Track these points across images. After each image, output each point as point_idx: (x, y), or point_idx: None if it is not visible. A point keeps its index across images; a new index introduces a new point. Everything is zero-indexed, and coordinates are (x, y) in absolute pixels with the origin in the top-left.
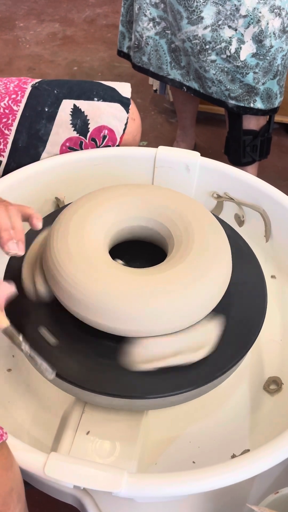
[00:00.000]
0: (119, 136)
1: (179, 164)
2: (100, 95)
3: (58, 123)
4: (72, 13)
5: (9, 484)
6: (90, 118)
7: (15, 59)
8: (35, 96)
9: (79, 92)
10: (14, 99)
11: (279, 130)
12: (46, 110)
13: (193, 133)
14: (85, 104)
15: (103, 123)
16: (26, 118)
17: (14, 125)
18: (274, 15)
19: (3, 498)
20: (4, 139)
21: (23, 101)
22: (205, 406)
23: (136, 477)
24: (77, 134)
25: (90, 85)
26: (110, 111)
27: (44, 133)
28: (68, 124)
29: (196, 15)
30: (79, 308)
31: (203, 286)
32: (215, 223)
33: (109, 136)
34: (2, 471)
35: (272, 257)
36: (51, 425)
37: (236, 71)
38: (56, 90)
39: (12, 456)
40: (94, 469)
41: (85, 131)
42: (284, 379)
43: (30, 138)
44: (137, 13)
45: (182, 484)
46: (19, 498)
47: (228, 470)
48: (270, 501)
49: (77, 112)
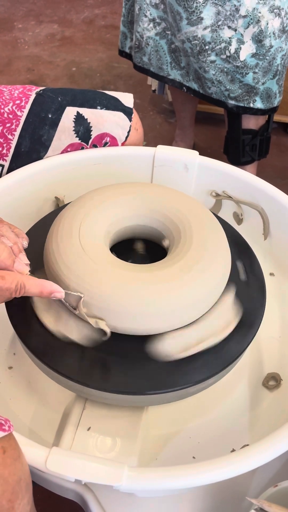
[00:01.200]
0: (121, 144)
1: (178, 163)
2: (103, 104)
3: (61, 129)
4: (71, 14)
5: (18, 473)
6: (93, 126)
7: (14, 60)
8: (39, 103)
9: (82, 100)
10: (18, 105)
11: (278, 129)
12: (50, 117)
13: (192, 133)
14: (88, 111)
15: (106, 131)
16: (29, 124)
17: (17, 130)
18: (273, 15)
19: (12, 487)
20: (7, 143)
21: (27, 107)
22: (205, 402)
23: (136, 470)
24: (79, 140)
25: (93, 94)
26: (113, 119)
27: (46, 138)
28: (71, 130)
29: (196, 16)
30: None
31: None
32: (214, 221)
33: (111, 143)
34: (11, 461)
35: (271, 255)
36: (52, 421)
37: (236, 71)
38: (60, 98)
39: (19, 447)
40: (95, 463)
41: (87, 137)
42: (283, 375)
43: (33, 143)
44: (138, 13)
45: (182, 477)
46: (27, 488)
47: (228, 463)
48: (269, 494)
49: (80, 119)
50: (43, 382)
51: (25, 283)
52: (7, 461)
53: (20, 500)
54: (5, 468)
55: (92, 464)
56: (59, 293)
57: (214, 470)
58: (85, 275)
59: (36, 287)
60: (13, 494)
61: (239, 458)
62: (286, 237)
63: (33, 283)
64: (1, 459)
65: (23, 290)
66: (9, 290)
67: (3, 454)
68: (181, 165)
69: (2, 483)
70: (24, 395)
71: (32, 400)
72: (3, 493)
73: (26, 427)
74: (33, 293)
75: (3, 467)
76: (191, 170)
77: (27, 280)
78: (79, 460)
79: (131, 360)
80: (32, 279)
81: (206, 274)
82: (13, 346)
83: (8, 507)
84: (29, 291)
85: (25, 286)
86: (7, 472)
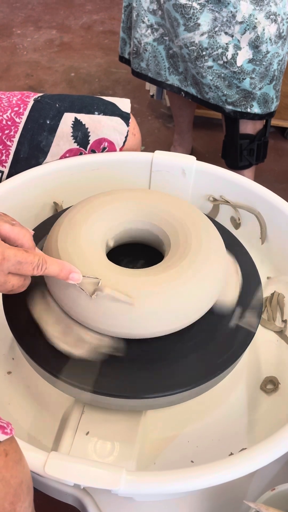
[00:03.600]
0: (119, 148)
1: (175, 168)
2: (101, 109)
3: (60, 135)
4: (69, 20)
5: (20, 476)
6: (90, 131)
7: (13, 65)
8: (37, 109)
9: (80, 106)
10: (16, 112)
11: (276, 133)
12: (48, 123)
13: (190, 137)
14: (86, 117)
15: (103, 136)
16: (28, 130)
17: (16, 136)
18: (270, 21)
19: (14, 489)
20: (6, 150)
21: (26, 113)
22: (202, 405)
23: (134, 474)
24: (77, 146)
25: (91, 100)
26: (110, 124)
27: (45, 144)
28: (69, 136)
29: (193, 22)
30: (91, 319)
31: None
32: (211, 226)
33: (109, 148)
34: (13, 464)
35: (268, 259)
36: (51, 426)
37: (233, 77)
38: (58, 104)
39: (21, 450)
40: (93, 467)
41: (86, 143)
42: (280, 379)
43: (32, 149)
44: (135, 19)
45: (180, 481)
46: (29, 491)
47: (226, 466)
48: (267, 498)
49: (78, 124)
50: (41, 386)
51: (46, 260)
52: (9, 464)
53: (21, 503)
54: (7, 471)
55: (90, 469)
56: (78, 274)
57: (212, 473)
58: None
59: (57, 265)
60: (15, 497)
61: (237, 461)
62: (283, 241)
63: (54, 261)
64: (3, 462)
65: (44, 266)
66: (32, 263)
67: (5, 457)
68: (178, 170)
69: (4, 486)
70: (23, 400)
71: (31, 404)
72: (5, 496)
73: (25, 432)
74: (53, 271)
75: (5, 469)
76: (188, 175)
77: (49, 258)
78: (77, 464)
79: (128, 364)
80: (53, 258)
81: (203, 279)
82: (12, 351)
83: (10, 509)
84: (50, 268)
85: (47, 262)
86: (9, 475)
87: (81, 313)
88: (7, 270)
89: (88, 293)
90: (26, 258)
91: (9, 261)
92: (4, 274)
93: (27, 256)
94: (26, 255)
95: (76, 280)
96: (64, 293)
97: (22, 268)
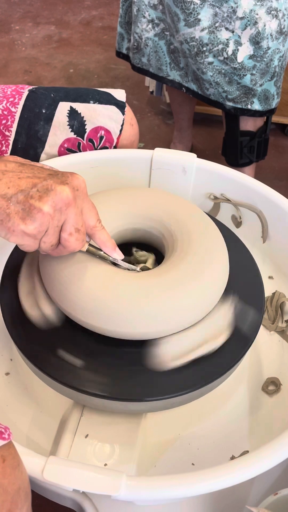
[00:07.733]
0: (116, 137)
1: (176, 166)
2: (96, 98)
3: (56, 124)
4: (68, 16)
5: (17, 482)
6: (86, 120)
7: (11, 62)
8: (33, 99)
9: (75, 95)
10: (12, 102)
11: (276, 130)
12: (44, 112)
13: (190, 134)
14: (81, 106)
15: (100, 124)
16: (24, 120)
17: (13, 126)
18: (271, 16)
19: (11, 496)
20: (5, 140)
21: (21, 103)
22: (204, 407)
23: (134, 480)
24: (74, 135)
25: (85, 90)
26: (105, 113)
27: (42, 134)
28: (66, 125)
29: (193, 17)
30: (93, 319)
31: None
32: (211, 225)
33: (106, 136)
34: (10, 470)
35: (270, 258)
36: (49, 428)
37: (234, 73)
38: (52, 94)
39: (19, 455)
40: (93, 472)
41: (82, 132)
42: (282, 380)
43: (29, 139)
44: (136, 14)
45: (181, 486)
46: (26, 497)
47: (227, 472)
48: (269, 503)
49: (74, 113)
50: (40, 388)
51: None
52: (6, 470)
53: (19, 510)
54: (5, 478)
55: (90, 474)
56: (120, 256)
57: (214, 478)
58: (80, 281)
59: (108, 236)
60: (12, 504)
61: (239, 466)
62: (285, 240)
63: (107, 232)
64: (0, 468)
65: (102, 226)
66: (96, 216)
67: (3, 463)
68: (179, 167)
69: (1, 493)
70: (21, 402)
71: (29, 406)
72: (2, 503)
73: (23, 434)
74: (103, 239)
75: (3, 476)
76: (189, 172)
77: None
78: (76, 469)
79: (128, 366)
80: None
81: (203, 280)
82: (10, 352)
83: None
84: (103, 232)
85: (103, 227)
86: (7, 482)
87: (93, 319)
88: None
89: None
90: (91, 207)
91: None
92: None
93: (93, 208)
94: (94, 210)
95: (115, 258)
96: (68, 301)
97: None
